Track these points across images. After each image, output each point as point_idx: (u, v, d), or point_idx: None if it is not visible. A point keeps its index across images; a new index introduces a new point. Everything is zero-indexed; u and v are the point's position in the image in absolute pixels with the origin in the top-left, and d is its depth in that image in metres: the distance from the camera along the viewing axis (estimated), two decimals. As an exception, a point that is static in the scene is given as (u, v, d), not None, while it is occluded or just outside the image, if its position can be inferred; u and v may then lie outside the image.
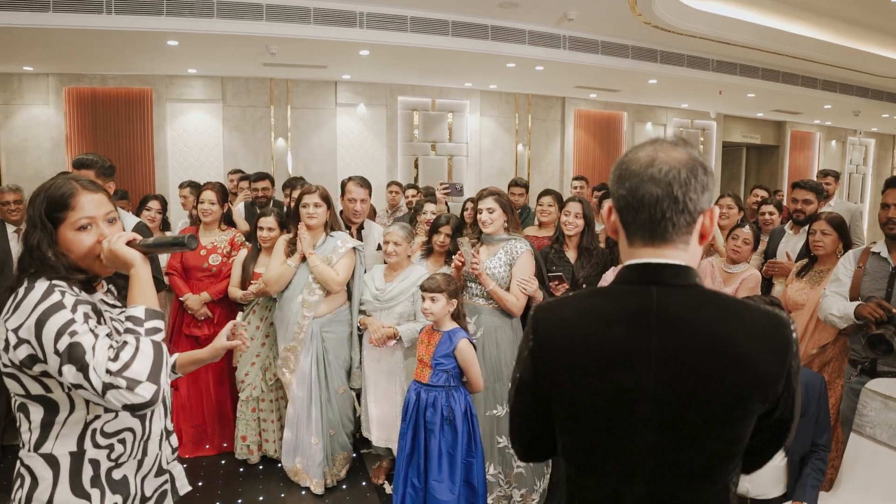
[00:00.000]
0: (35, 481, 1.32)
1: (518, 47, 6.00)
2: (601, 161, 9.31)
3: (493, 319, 3.07)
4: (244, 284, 3.55)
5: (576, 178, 6.08)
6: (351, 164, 7.56)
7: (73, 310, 1.26)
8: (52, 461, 1.32)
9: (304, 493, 3.33)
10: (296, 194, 4.38)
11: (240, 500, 3.27)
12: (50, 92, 6.78)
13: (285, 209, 4.86)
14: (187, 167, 7.09)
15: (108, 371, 1.18)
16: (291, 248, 3.33)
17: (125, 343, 1.22)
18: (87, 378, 1.18)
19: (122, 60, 6.27)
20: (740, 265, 3.68)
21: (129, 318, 1.27)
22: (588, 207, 3.53)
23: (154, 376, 1.21)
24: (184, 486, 1.60)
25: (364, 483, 3.48)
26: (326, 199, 3.34)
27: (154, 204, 4.27)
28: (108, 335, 1.27)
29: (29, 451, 1.33)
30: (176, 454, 1.58)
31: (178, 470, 1.59)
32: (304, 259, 3.27)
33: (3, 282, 3.64)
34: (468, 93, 8.17)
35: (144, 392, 1.19)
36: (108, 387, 1.17)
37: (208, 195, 3.68)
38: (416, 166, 8.15)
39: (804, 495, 2.56)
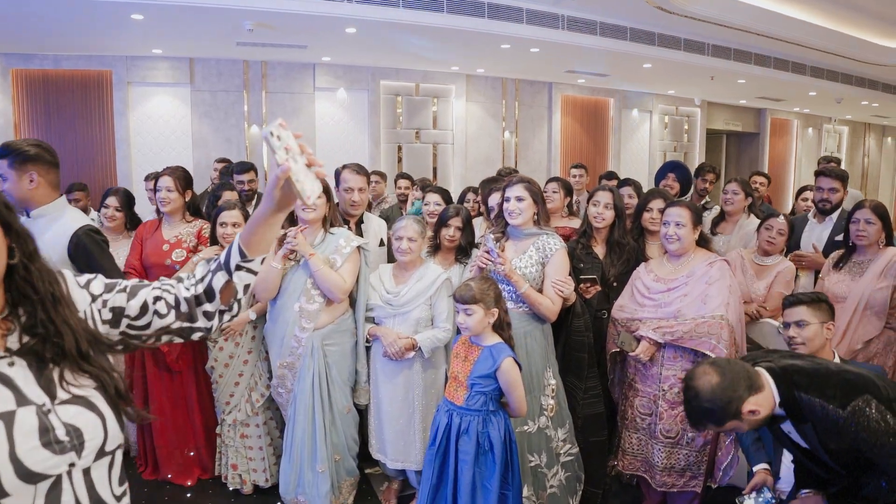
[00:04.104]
0: None
1: (515, 26, 5.65)
2: (588, 148, 9.07)
3: (523, 324, 2.72)
4: None
5: (575, 167, 5.77)
6: (331, 152, 7.12)
7: None
8: None
9: (307, 526, 2.94)
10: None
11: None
12: (-6, 74, 6.15)
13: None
14: (153, 157, 6.55)
15: None
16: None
17: None
18: None
19: (79, 39, 5.73)
20: (773, 257, 3.44)
21: None
22: (619, 197, 3.21)
23: None
24: None
25: (374, 509, 3.12)
26: (326, 189, 2.92)
27: (112, 201, 3.68)
28: None
29: None
30: None
31: None
32: (298, 261, 2.86)
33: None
34: (454, 77, 7.79)
35: None
36: None
37: (164, 181, 3.23)
38: (400, 155, 7.74)
39: None
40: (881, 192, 13.80)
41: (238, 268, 1.22)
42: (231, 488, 3.20)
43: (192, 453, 3.29)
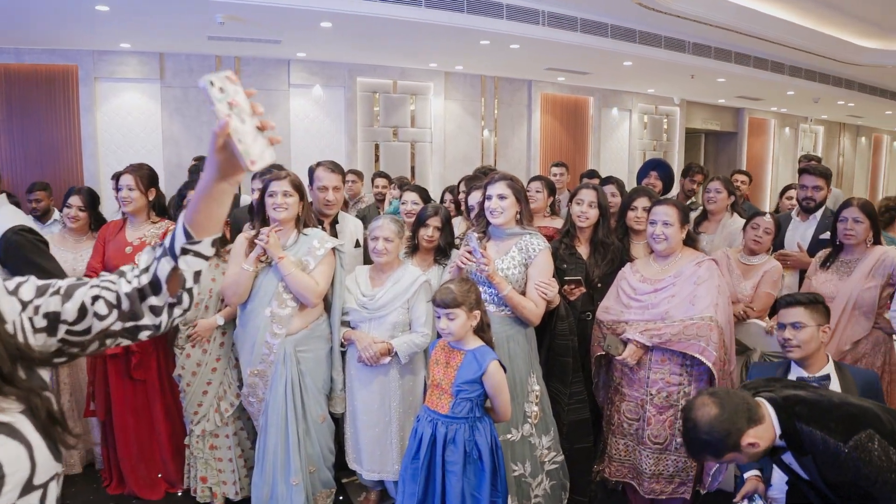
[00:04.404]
0: None
1: (495, 22, 5.52)
2: (568, 147, 8.98)
3: (505, 329, 2.61)
4: None
5: (555, 165, 5.67)
6: (306, 150, 6.92)
7: None
8: None
9: (280, 540, 2.78)
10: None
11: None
12: (-47, 69, 5.88)
13: (252, 203, 4.24)
14: (121, 155, 6.29)
15: None
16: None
17: None
18: None
19: (42, 31, 5.47)
20: (759, 256, 3.36)
21: None
22: (603, 196, 3.10)
23: None
24: None
25: (350, 522, 2.98)
26: (299, 187, 2.77)
27: (75, 200, 3.47)
28: None
29: None
30: None
31: None
32: (269, 263, 2.71)
33: None
34: (432, 74, 7.64)
35: None
36: None
37: (126, 179, 3.07)
38: (377, 153, 7.57)
39: None
40: (856, 191, 13.97)
41: (184, 251, 1.06)
42: (201, 502, 3.04)
43: (159, 475, 3.13)
